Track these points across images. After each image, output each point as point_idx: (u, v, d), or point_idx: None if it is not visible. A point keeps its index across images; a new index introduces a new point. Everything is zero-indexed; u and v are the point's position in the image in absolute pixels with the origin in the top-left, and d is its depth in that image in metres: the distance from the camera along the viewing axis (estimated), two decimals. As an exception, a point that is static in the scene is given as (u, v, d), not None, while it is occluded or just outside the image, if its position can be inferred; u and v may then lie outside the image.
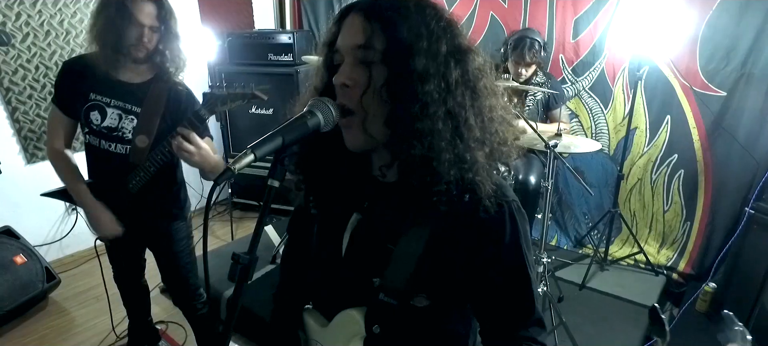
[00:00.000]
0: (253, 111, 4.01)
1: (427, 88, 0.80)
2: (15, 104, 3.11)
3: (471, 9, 3.48)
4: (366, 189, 0.96)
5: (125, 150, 1.83)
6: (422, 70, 0.79)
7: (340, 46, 0.85)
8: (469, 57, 0.85)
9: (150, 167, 1.81)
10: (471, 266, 0.87)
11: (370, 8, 0.83)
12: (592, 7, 3.04)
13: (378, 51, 0.81)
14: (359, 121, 0.83)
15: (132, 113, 1.82)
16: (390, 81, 0.80)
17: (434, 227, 0.86)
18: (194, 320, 2.28)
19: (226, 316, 0.80)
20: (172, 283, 2.19)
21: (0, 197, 3.08)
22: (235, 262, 0.76)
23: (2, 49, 2.85)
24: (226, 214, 4.08)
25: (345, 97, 0.83)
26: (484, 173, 0.84)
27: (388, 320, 0.91)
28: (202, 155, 1.72)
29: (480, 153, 0.84)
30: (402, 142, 0.81)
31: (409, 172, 0.82)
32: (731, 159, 2.82)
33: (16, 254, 2.92)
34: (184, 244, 2.10)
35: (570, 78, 3.25)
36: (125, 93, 1.81)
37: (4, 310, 2.72)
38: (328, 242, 0.99)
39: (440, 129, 0.80)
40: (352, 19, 0.84)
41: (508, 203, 0.87)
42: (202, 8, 4.04)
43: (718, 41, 2.70)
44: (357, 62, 0.82)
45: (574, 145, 2.44)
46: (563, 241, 3.54)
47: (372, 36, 0.80)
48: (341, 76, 0.83)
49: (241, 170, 0.71)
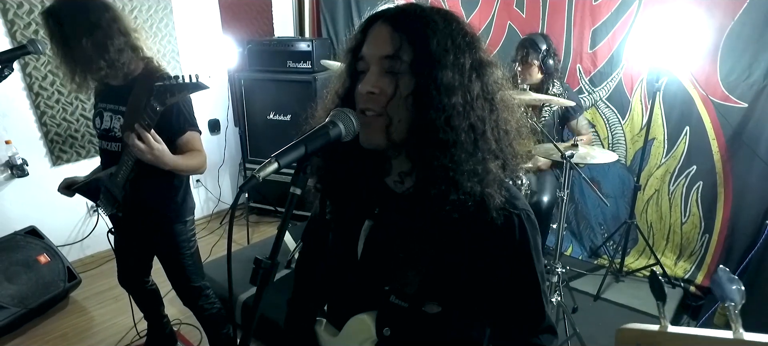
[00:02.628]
0: (271, 117, 4.07)
1: (452, 100, 0.82)
2: (43, 109, 3.21)
3: (489, 18, 3.50)
4: (378, 197, 0.97)
5: (117, 147, 1.94)
6: (448, 83, 0.82)
7: (366, 55, 0.86)
8: (488, 70, 0.87)
9: (128, 160, 1.86)
10: (480, 275, 0.89)
11: (398, 19, 0.84)
12: (611, 18, 3.03)
13: (405, 62, 0.83)
14: (383, 123, 0.85)
15: (119, 113, 1.92)
16: (417, 92, 0.83)
17: (445, 235, 0.87)
18: (204, 320, 2.31)
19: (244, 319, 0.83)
20: (177, 285, 2.22)
21: (27, 198, 3.19)
22: (256, 266, 0.78)
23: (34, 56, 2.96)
24: (242, 218, 4.14)
25: (370, 103, 0.85)
26: (496, 184, 0.85)
27: (398, 323, 0.92)
28: (154, 154, 1.71)
29: (494, 165, 0.86)
30: (425, 152, 0.83)
31: (430, 181, 0.84)
32: (752, 171, 2.77)
33: (40, 254, 3.00)
34: (185, 246, 2.13)
35: (587, 88, 3.24)
36: (114, 96, 1.93)
37: (28, 307, 2.79)
38: (343, 248, 1.01)
39: (462, 141, 0.82)
40: (379, 29, 0.85)
41: (518, 213, 0.89)
42: (223, 16, 4.12)
43: (739, 52, 2.67)
44: (383, 71, 0.84)
45: (591, 156, 2.42)
46: (578, 251, 3.52)
47: (400, 47, 0.82)
48: (367, 84, 0.84)
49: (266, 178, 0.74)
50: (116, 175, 1.91)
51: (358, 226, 0.99)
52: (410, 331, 0.92)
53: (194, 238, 2.18)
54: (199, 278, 2.21)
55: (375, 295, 0.94)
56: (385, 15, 0.86)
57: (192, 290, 2.20)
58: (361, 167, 0.94)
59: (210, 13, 4.04)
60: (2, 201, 3.15)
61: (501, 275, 0.89)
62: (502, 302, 0.91)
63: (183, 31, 3.82)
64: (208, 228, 4.22)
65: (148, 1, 3.53)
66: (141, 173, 1.89)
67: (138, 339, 2.69)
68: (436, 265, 0.89)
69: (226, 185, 4.53)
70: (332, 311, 1.06)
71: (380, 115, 0.85)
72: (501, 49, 3.47)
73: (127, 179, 1.91)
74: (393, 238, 0.94)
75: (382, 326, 0.93)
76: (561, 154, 2.29)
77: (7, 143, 3.09)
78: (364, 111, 0.85)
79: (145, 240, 2.17)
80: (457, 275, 0.89)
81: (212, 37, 4.08)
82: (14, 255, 2.91)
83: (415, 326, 0.92)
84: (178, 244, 2.10)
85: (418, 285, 0.89)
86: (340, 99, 0.92)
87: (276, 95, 4.02)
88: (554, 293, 2.46)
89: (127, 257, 2.26)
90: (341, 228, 1.03)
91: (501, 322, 0.94)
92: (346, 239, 1.01)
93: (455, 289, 0.91)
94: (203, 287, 2.23)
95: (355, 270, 1.00)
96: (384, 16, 0.86)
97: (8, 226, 3.07)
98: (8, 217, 3.13)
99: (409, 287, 0.90)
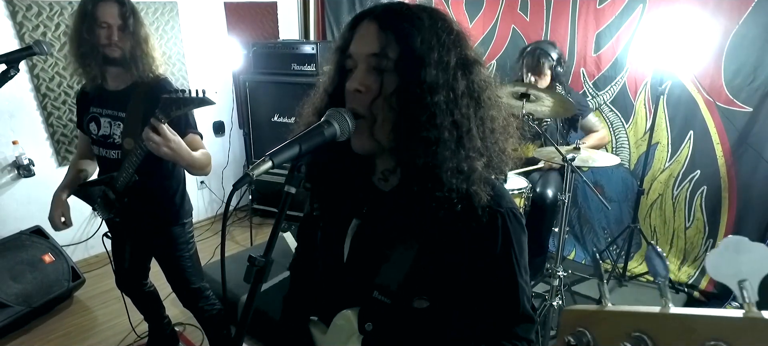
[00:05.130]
0: (275, 119, 4.09)
1: (435, 98, 0.82)
2: (50, 109, 3.25)
3: (493, 22, 3.50)
4: (365, 195, 0.98)
5: (117, 155, 1.94)
6: (432, 81, 0.82)
7: (354, 53, 0.87)
8: (475, 69, 0.88)
9: (129, 168, 1.86)
10: (464, 270, 0.90)
11: (385, 17, 0.85)
12: (615, 21, 3.03)
13: (391, 60, 0.83)
14: (368, 125, 0.86)
15: (119, 119, 1.92)
16: (400, 89, 0.83)
17: (429, 232, 0.88)
18: (204, 321, 2.32)
19: (241, 317, 0.83)
20: (177, 287, 2.22)
21: (33, 198, 3.22)
22: (250, 264, 0.79)
23: (41, 57, 3.00)
24: (245, 220, 4.15)
25: (356, 102, 0.86)
26: (481, 182, 0.86)
27: (381, 318, 0.93)
28: (171, 147, 1.70)
29: (479, 163, 0.86)
30: (407, 150, 0.84)
31: (412, 178, 0.85)
32: (757, 176, 2.76)
33: (45, 253, 3.03)
34: (183, 248, 2.14)
35: (591, 92, 3.23)
36: (112, 101, 1.93)
37: (32, 306, 2.82)
38: (331, 247, 1.03)
39: (446, 139, 0.83)
40: (366, 27, 0.86)
41: (503, 213, 0.89)
42: (229, 19, 4.16)
43: (744, 56, 2.66)
44: (370, 69, 0.85)
45: (593, 159, 2.42)
46: (581, 255, 3.50)
47: (386, 45, 0.83)
48: (354, 82, 0.85)
49: (259, 176, 0.74)
50: (116, 180, 1.91)
51: (346, 225, 1.00)
52: (393, 326, 0.93)
53: (192, 239, 2.19)
54: (198, 280, 2.22)
55: (361, 292, 0.95)
56: (372, 13, 0.87)
57: (192, 292, 2.21)
58: (348, 166, 0.95)
59: (215, 15, 4.07)
60: (8, 200, 3.19)
61: (481, 270, 0.90)
62: (481, 297, 0.92)
63: (188, 33, 3.86)
64: (212, 229, 4.23)
65: (155, 3, 3.57)
66: (141, 178, 1.90)
67: (138, 340, 2.71)
68: (419, 262, 0.89)
69: (230, 187, 4.55)
70: (322, 309, 1.07)
71: (365, 117, 0.85)
72: (504, 52, 3.47)
73: (128, 184, 1.90)
74: (378, 235, 0.95)
75: (364, 321, 0.94)
76: (563, 158, 2.29)
77: (14, 144, 3.13)
78: (355, 113, 0.86)
79: (142, 243, 2.17)
80: (441, 270, 0.90)
81: (217, 40, 4.11)
82: (19, 254, 2.94)
83: (399, 322, 0.93)
84: (177, 246, 2.11)
85: (402, 282, 0.90)
86: (330, 97, 0.92)
87: (280, 98, 4.04)
88: (556, 297, 2.45)
89: (124, 261, 2.26)
90: (329, 227, 1.04)
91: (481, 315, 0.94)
92: (334, 238, 1.02)
93: (441, 284, 0.91)
94: (203, 288, 2.24)
95: (342, 268, 1.00)
96: (371, 14, 0.87)
97: (14, 225, 3.10)
98: (14, 216, 3.16)
99: (393, 284, 0.91)
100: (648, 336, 0.54)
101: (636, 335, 0.54)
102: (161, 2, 3.62)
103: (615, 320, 0.58)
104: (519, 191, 2.47)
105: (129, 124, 1.88)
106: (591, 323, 0.60)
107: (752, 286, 0.50)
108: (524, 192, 2.49)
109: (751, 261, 0.51)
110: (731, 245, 0.52)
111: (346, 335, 0.97)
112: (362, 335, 0.95)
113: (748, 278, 0.50)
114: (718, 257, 0.53)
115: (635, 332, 0.54)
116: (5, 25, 2.97)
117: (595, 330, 0.59)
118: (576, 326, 0.61)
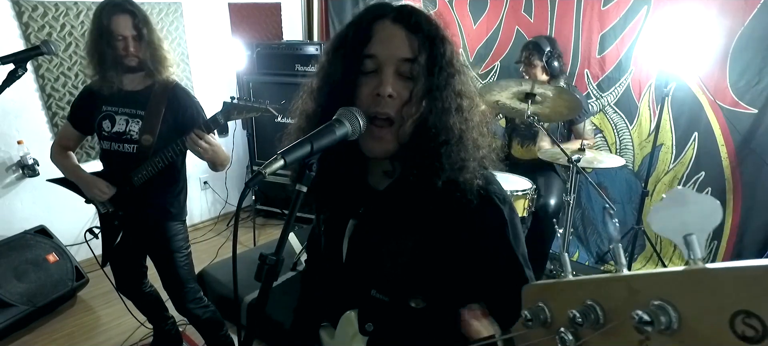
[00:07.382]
0: (279, 120, 4.09)
1: (458, 102, 0.87)
2: (55, 109, 3.25)
3: (497, 23, 3.50)
4: (361, 196, 0.98)
5: (133, 149, 2.02)
6: (455, 85, 0.87)
7: (380, 54, 0.85)
8: (466, 70, 0.92)
9: (158, 163, 1.99)
10: (461, 264, 0.90)
11: (411, 21, 0.85)
12: (619, 23, 3.03)
13: (421, 65, 0.85)
14: (396, 129, 0.86)
15: (137, 116, 2.01)
16: (429, 93, 0.85)
17: (425, 228, 0.89)
18: (200, 325, 2.32)
19: (250, 320, 0.83)
20: (170, 286, 2.23)
21: (37, 198, 3.23)
22: (261, 262, 0.78)
23: (46, 57, 3.01)
24: (249, 220, 4.15)
25: (386, 107, 0.85)
26: (472, 175, 0.88)
27: (381, 318, 0.93)
28: (214, 151, 1.97)
29: (476, 154, 0.90)
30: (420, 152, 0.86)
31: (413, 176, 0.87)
32: (761, 178, 2.75)
33: (49, 253, 3.04)
34: (180, 245, 2.17)
35: (595, 93, 3.23)
36: (130, 100, 2.02)
37: (36, 306, 2.82)
38: (331, 250, 1.03)
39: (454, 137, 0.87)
40: (392, 29, 0.86)
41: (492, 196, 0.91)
42: (233, 20, 4.16)
43: (749, 57, 2.65)
44: (400, 73, 0.85)
45: (598, 160, 2.42)
46: (584, 257, 3.50)
47: (418, 50, 0.85)
48: (387, 86, 0.84)
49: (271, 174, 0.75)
50: (135, 174, 2.02)
51: (343, 226, 1.01)
52: (394, 325, 0.93)
53: (188, 241, 2.24)
54: (191, 281, 2.25)
55: (360, 291, 0.96)
56: (391, 13, 0.87)
57: (185, 294, 2.22)
58: (346, 167, 0.94)
59: (219, 16, 4.08)
60: (13, 200, 3.19)
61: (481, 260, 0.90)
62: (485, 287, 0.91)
63: (193, 34, 3.86)
64: (216, 230, 4.24)
65: (159, 4, 3.58)
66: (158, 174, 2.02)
67: (143, 339, 2.71)
68: (415, 257, 0.90)
69: (234, 188, 4.55)
70: (330, 313, 1.07)
71: (391, 122, 0.86)
72: (508, 53, 3.47)
73: (145, 178, 2.02)
74: (375, 234, 0.95)
75: (365, 321, 0.95)
76: (567, 158, 2.29)
77: (19, 143, 3.13)
78: (375, 116, 0.85)
79: (140, 238, 2.20)
80: (438, 266, 0.90)
81: (221, 41, 4.11)
82: (24, 254, 2.94)
83: (399, 321, 0.93)
84: (175, 243, 2.15)
85: (399, 276, 0.91)
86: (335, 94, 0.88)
87: (284, 98, 4.02)
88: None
89: (123, 266, 2.30)
90: (329, 229, 1.06)
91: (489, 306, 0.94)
92: (333, 240, 1.03)
93: (438, 282, 0.91)
94: (195, 289, 2.26)
95: (341, 270, 1.01)
96: (394, 15, 0.87)
97: (18, 225, 3.10)
98: (19, 216, 3.17)
99: (390, 279, 0.92)
100: (598, 304, 0.51)
101: (589, 304, 0.51)
102: (166, 3, 3.63)
103: (571, 291, 0.55)
104: (523, 192, 2.46)
105: (148, 121, 2.00)
106: (549, 296, 0.58)
107: (699, 240, 0.46)
108: (529, 193, 2.48)
109: (696, 213, 0.47)
110: (677, 198, 0.48)
111: (349, 336, 0.97)
112: (365, 336, 0.95)
113: (695, 232, 0.46)
114: (663, 211, 0.48)
115: (589, 301, 0.52)
116: (11, 26, 2.98)
117: (553, 303, 0.57)
118: (536, 301, 0.58)
